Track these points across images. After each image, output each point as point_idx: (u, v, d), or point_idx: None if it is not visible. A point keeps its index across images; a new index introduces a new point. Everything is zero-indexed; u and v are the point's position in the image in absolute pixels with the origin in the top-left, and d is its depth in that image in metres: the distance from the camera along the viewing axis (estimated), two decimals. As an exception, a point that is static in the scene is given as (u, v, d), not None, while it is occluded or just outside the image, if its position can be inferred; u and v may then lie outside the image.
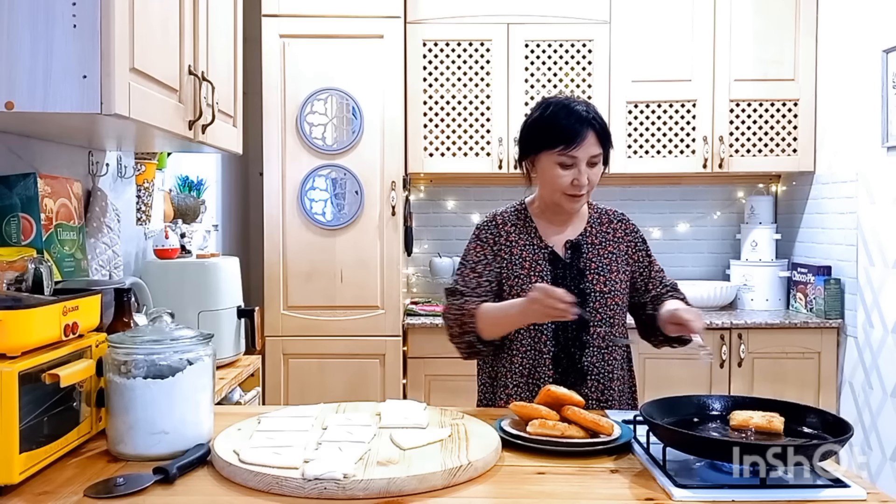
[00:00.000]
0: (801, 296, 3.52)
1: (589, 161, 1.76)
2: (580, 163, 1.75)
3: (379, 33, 3.28)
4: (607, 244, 1.87)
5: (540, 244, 1.83)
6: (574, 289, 1.78)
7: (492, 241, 1.85)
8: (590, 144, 1.75)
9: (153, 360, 1.32)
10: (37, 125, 1.73)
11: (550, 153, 1.77)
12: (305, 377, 3.30)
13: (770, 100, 3.49)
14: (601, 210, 1.93)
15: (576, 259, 1.82)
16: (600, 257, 1.84)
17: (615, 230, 1.90)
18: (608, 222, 1.90)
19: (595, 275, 1.81)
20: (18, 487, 1.18)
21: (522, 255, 1.82)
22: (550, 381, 1.77)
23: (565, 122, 1.76)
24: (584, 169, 1.75)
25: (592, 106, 1.81)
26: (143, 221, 2.59)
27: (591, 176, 1.77)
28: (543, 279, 1.79)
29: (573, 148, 1.74)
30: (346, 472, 1.17)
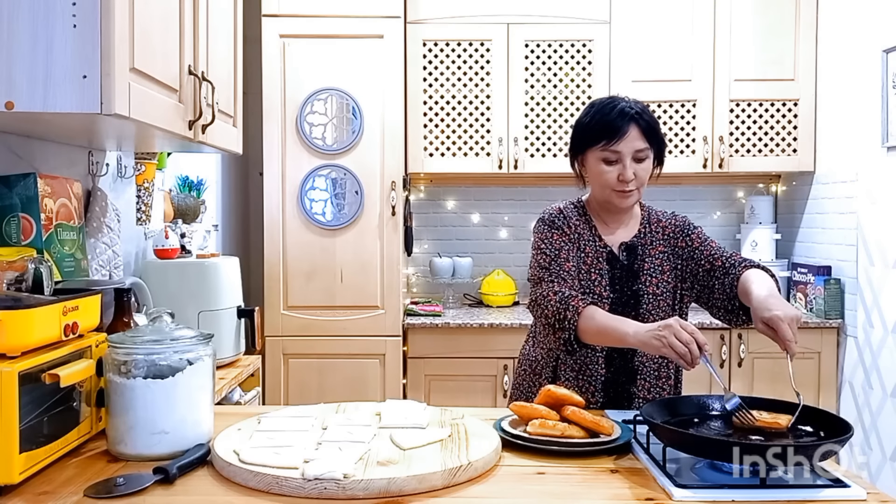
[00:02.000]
0: (802, 296, 3.52)
1: (635, 156, 1.75)
2: (624, 157, 1.75)
3: (379, 33, 3.28)
4: (658, 244, 1.87)
5: (600, 242, 1.84)
6: (628, 290, 1.79)
7: (566, 228, 1.83)
8: (633, 139, 1.74)
9: (153, 360, 1.32)
10: (37, 125, 1.73)
11: (594, 150, 1.77)
12: (305, 377, 3.30)
13: (770, 100, 3.49)
14: (651, 211, 1.94)
15: (631, 261, 1.83)
16: (652, 258, 1.84)
17: (664, 229, 1.90)
18: (657, 222, 1.91)
19: (648, 276, 1.82)
20: (18, 487, 1.18)
21: (586, 250, 1.82)
22: (602, 378, 1.79)
23: (607, 118, 1.76)
24: (629, 164, 1.75)
25: (641, 104, 1.80)
26: (143, 221, 2.59)
27: (639, 171, 1.77)
28: (602, 277, 1.79)
29: (615, 142, 1.74)
30: (346, 472, 1.17)
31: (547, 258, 1.79)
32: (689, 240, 1.88)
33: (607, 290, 1.79)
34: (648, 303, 1.80)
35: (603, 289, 1.79)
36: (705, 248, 1.86)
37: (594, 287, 1.79)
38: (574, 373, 1.81)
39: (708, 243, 1.87)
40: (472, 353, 3.21)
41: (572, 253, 1.80)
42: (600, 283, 1.79)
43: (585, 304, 1.66)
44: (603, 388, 1.79)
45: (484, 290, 3.75)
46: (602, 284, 1.79)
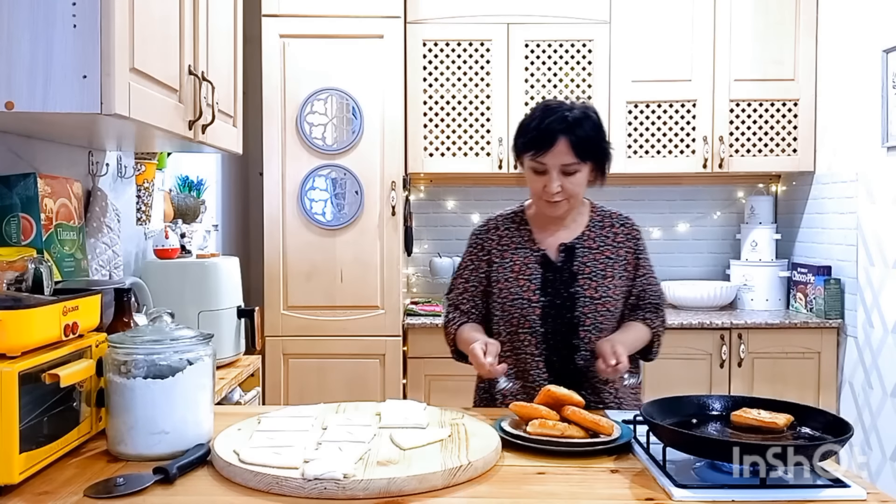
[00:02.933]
0: (801, 296, 3.52)
1: (563, 169, 1.72)
2: (551, 170, 1.72)
3: (379, 33, 3.28)
4: (605, 249, 1.84)
5: (532, 247, 1.82)
6: (564, 292, 1.77)
7: (482, 244, 1.88)
8: (560, 153, 1.71)
9: (153, 360, 1.32)
10: (37, 125, 1.73)
11: (526, 158, 1.77)
12: (305, 377, 3.30)
13: (770, 100, 3.48)
14: (604, 213, 1.90)
15: (568, 262, 1.80)
16: (595, 262, 1.81)
17: (616, 234, 1.87)
18: (609, 226, 1.87)
19: (587, 279, 1.79)
20: (18, 487, 1.18)
21: (514, 258, 1.82)
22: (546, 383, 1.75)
23: (537, 129, 1.73)
24: (555, 176, 1.72)
25: (584, 111, 1.75)
26: (143, 221, 2.59)
27: (568, 184, 1.73)
28: (531, 282, 1.78)
29: (542, 154, 1.72)
30: (346, 472, 1.17)
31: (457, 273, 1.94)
32: (637, 261, 1.87)
33: (537, 295, 1.78)
34: (585, 305, 1.77)
35: (532, 293, 1.78)
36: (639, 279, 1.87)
37: (523, 293, 1.78)
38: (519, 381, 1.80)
39: (643, 275, 1.88)
40: (472, 353, 3.21)
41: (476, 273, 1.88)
42: (529, 288, 1.78)
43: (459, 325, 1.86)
44: None
45: (484, 290, 3.74)
46: (531, 289, 1.78)
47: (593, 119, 1.76)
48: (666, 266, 3.86)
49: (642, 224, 4.04)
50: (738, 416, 1.38)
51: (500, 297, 1.81)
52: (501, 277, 1.82)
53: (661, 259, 3.86)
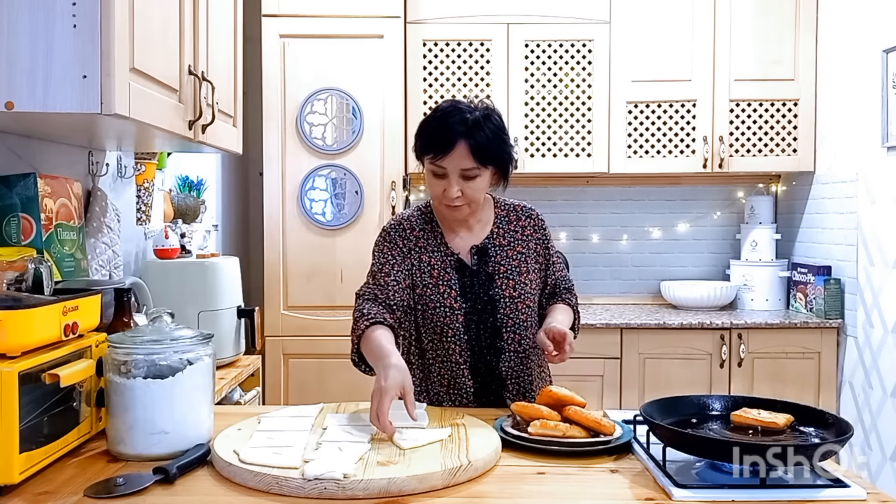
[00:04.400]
0: (801, 296, 3.52)
1: (462, 174, 1.67)
2: (450, 174, 1.66)
3: (379, 33, 3.28)
4: (516, 244, 1.80)
5: (446, 251, 1.76)
6: (483, 295, 1.74)
7: (400, 243, 1.77)
8: (459, 157, 1.65)
9: (153, 360, 1.32)
10: (37, 125, 1.73)
11: (425, 160, 1.71)
12: (305, 377, 3.30)
13: (770, 100, 3.49)
14: (508, 207, 1.85)
15: (483, 265, 1.76)
16: (509, 259, 1.78)
17: (524, 227, 1.83)
18: (516, 220, 1.83)
19: (504, 279, 1.75)
20: (18, 487, 1.18)
21: (431, 262, 1.75)
22: (472, 390, 1.76)
23: (436, 131, 1.68)
24: (455, 180, 1.67)
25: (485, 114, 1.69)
26: (143, 221, 2.59)
27: (468, 189, 1.68)
28: (451, 288, 1.73)
29: (441, 158, 1.66)
30: (346, 472, 1.17)
31: (371, 272, 1.78)
32: (547, 252, 1.85)
33: (459, 301, 1.73)
34: (506, 307, 1.74)
35: (454, 300, 1.72)
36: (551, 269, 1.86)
37: (444, 300, 1.72)
38: (444, 387, 1.77)
39: (553, 263, 1.87)
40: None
41: (399, 267, 1.74)
42: (450, 295, 1.73)
43: (369, 324, 1.62)
44: (475, 398, 1.76)
45: (484, 290, 3.74)
46: (452, 296, 1.73)
47: (494, 121, 1.70)
48: (666, 266, 3.87)
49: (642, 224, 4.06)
50: (738, 416, 1.38)
51: (421, 304, 1.74)
52: (420, 283, 1.74)
53: (661, 259, 3.87)
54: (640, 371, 3.28)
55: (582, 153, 3.49)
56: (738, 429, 1.36)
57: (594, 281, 3.84)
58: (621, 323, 3.25)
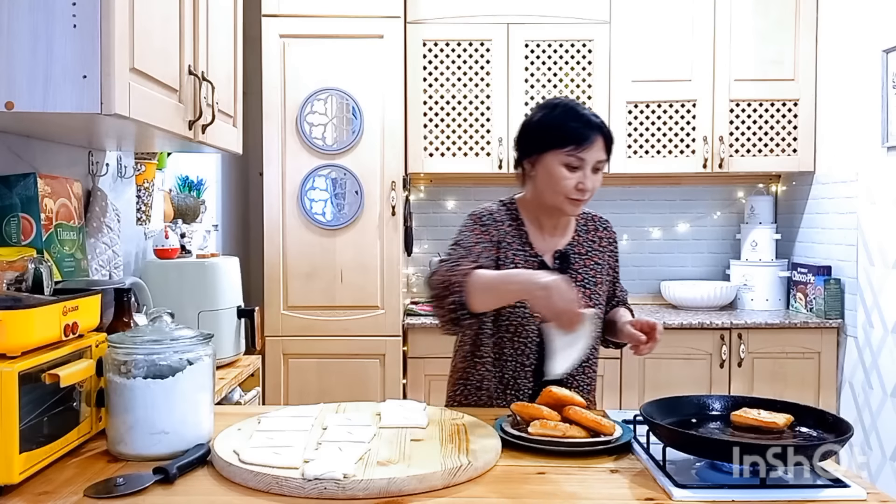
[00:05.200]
0: (801, 296, 3.52)
1: (594, 166, 1.71)
2: (586, 166, 1.70)
3: (379, 33, 3.28)
4: (593, 254, 1.83)
5: (530, 251, 1.78)
6: None
7: (493, 232, 1.76)
8: (597, 149, 1.70)
9: (153, 360, 1.32)
10: (37, 125, 1.73)
11: (557, 153, 1.70)
12: (305, 377, 3.30)
13: (770, 100, 3.49)
14: (587, 216, 1.89)
15: (563, 270, 1.77)
16: (586, 269, 1.80)
17: (601, 238, 1.87)
18: (594, 230, 1.87)
19: (580, 287, 1.76)
20: (18, 487, 1.18)
21: (515, 259, 1.76)
22: (529, 392, 1.76)
23: (576, 123, 1.71)
24: (589, 173, 1.71)
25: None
26: (143, 221, 2.59)
27: (595, 182, 1.72)
28: None
29: (582, 149, 1.68)
30: (346, 472, 1.17)
31: (459, 249, 1.71)
32: (616, 266, 1.91)
33: None
34: None
35: None
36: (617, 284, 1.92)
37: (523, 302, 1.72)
38: (502, 386, 1.77)
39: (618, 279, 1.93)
40: (472, 353, 3.20)
41: (488, 252, 1.72)
42: None
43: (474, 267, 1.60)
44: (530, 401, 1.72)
45: (484, 290, 3.74)
46: None
47: None
48: (666, 266, 3.87)
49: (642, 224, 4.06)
50: (738, 416, 1.38)
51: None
52: None
53: (661, 259, 3.87)
54: (640, 371, 3.28)
55: (582, 153, 3.48)
56: (738, 429, 1.36)
57: (594, 281, 3.84)
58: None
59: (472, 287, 1.55)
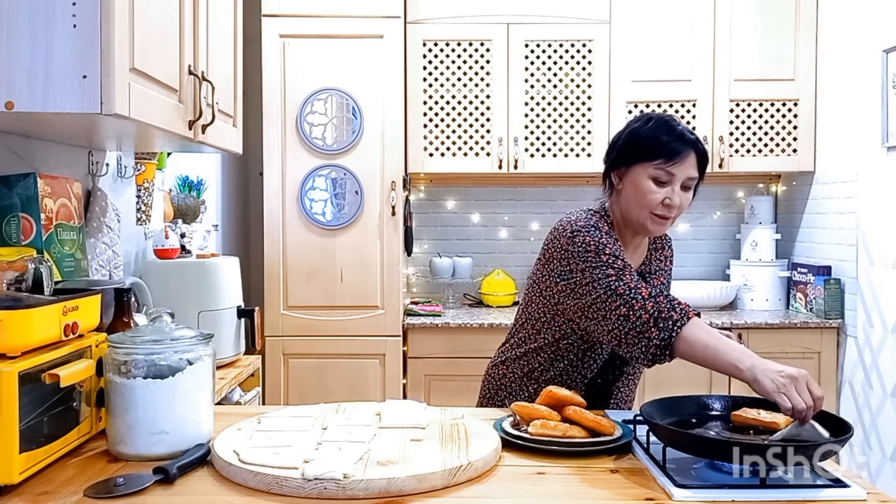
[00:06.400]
0: (801, 296, 3.52)
1: (684, 183, 1.67)
2: (675, 181, 1.65)
3: (379, 33, 3.28)
4: (660, 273, 1.82)
5: None
6: None
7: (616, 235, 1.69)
8: (689, 165, 1.66)
9: (153, 360, 1.32)
10: (37, 125, 1.73)
11: (646, 166, 1.65)
12: (305, 377, 3.30)
13: (770, 100, 3.49)
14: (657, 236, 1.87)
15: None
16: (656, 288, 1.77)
17: (667, 258, 1.86)
18: (661, 248, 1.86)
19: None
20: (18, 487, 1.18)
21: None
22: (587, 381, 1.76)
23: (668, 137, 1.66)
24: (677, 189, 1.66)
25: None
26: (143, 221, 2.59)
27: (683, 200, 1.67)
28: None
29: (672, 164, 1.64)
30: (346, 472, 1.16)
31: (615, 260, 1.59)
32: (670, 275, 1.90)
33: None
34: None
35: None
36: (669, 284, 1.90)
37: None
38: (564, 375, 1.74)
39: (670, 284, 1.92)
40: (472, 353, 3.21)
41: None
42: None
43: (694, 312, 1.52)
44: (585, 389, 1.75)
45: (484, 290, 3.75)
46: None
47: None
48: (666, 266, 3.86)
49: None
50: (738, 416, 1.38)
51: None
52: None
53: (661, 259, 3.86)
54: (640, 371, 3.27)
55: (582, 153, 3.49)
56: (738, 429, 1.36)
57: (594, 281, 3.84)
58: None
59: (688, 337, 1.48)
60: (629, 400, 1.86)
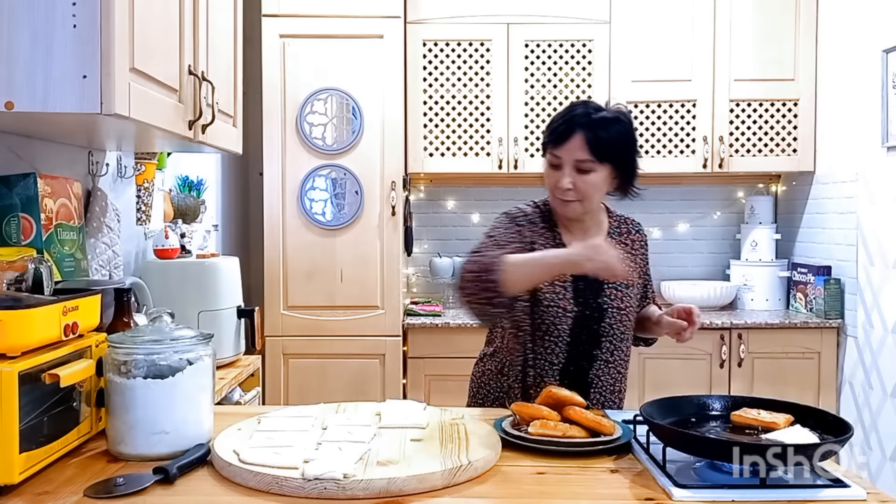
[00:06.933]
0: (801, 296, 3.52)
1: (577, 166, 1.67)
2: (565, 165, 1.68)
3: (379, 33, 3.28)
4: (625, 257, 1.80)
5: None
6: (593, 303, 1.74)
7: (526, 232, 1.75)
8: (575, 148, 1.66)
9: (153, 360, 1.32)
10: (37, 125, 1.73)
11: (548, 153, 1.74)
12: (305, 377, 3.30)
13: (770, 100, 3.49)
14: (620, 219, 1.88)
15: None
16: None
17: (633, 241, 1.86)
18: (627, 233, 1.86)
19: (613, 290, 1.76)
20: (18, 487, 1.18)
21: None
22: None
23: (556, 121, 1.71)
24: (568, 172, 1.67)
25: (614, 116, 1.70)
26: (143, 221, 2.59)
27: (580, 183, 1.68)
28: (566, 290, 1.73)
29: (558, 147, 1.69)
30: (346, 472, 1.17)
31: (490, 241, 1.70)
32: (647, 268, 1.90)
33: (571, 304, 1.73)
34: (612, 317, 1.75)
35: (567, 302, 1.72)
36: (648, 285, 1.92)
37: (558, 300, 1.72)
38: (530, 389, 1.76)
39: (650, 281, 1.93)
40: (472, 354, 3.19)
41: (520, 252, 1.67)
42: (564, 297, 1.72)
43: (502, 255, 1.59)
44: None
45: (484, 290, 3.74)
46: (566, 297, 1.72)
47: (622, 124, 1.70)
48: (666, 266, 3.86)
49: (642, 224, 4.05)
50: (738, 416, 1.38)
51: (533, 300, 1.72)
52: None
53: (661, 259, 3.86)
54: (640, 371, 3.28)
55: (582, 153, 3.48)
56: (737, 429, 1.36)
57: (594, 281, 3.84)
58: (621, 323, 3.25)
59: (507, 269, 1.55)
60: (616, 391, 1.83)
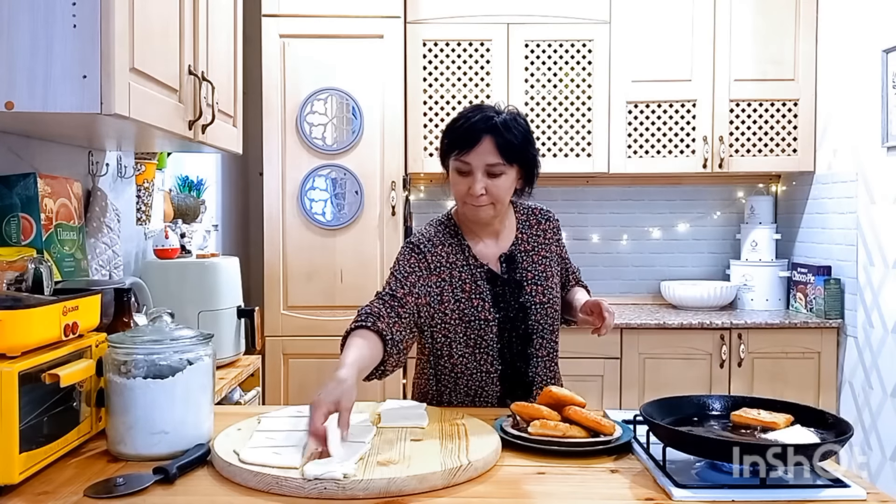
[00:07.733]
0: (801, 296, 3.52)
1: (487, 170, 1.66)
2: (475, 170, 1.65)
3: (379, 33, 3.28)
4: (540, 249, 1.81)
5: (475, 263, 1.74)
6: (514, 303, 1.74)
7: (430, 258, 1.73)
8: (485, 152, 1.65)
9: (153, 360, 1.32)
10: (37, 125, 1.73)
11: (452, 159, 1.70)
12: (305, 377, 3.30)
13: (770, 100, 3.49)
14: (528, 210, 1.86)
15: (512, 272, 1.76)
16: (535, 265, 1.78)
17: (545, 231, 1.84)
18: (536, 224, 1.84)
19: (533, 286, 1.76)
20: (18, 487, 1.18)
21: (461, 276, 1.73)
22: (498, 396, 1.75)
23: (463, 127, 1.68)
24: (479, 177, 1.65)
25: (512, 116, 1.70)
26: (143, 221, 2.59)
27: (492, 187, 1.67)
28: (484, 300, 1.72)
29: (465, 153, 1.65)
30: (346, 472, 1.17)
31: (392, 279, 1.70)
32: (562, 251, 1.90)
33: (492, 312, 1.72)
34: (537, 313, 1.75)
35: (487, 312, 1.71)
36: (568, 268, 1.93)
37: (478, 312, 1.71)
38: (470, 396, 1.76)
39: (566, 259, 1.93)
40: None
41: (423, 281, 1.70)
42: (483, 307, 1.71)
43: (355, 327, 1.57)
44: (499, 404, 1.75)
45: (484, 290, 3.74)
46: (486, 308, 1.71)
47: (521, 123, 1.72)
48: (666, 266, 3.87)
49: (642, 224, 4.06)
50: (737, 416, 1.38)
51: (453, 319, 1.72)
52: (452, 298, 1.71)
53: (662, 259, 3.87)
54: (640, 371, 3.28)
55: (582, 153, 3.49)
56: (737, 429, 1.36)
57: (594, 281, 3.78)
58: (621, 323, 3.25)
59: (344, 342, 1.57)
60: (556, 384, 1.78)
